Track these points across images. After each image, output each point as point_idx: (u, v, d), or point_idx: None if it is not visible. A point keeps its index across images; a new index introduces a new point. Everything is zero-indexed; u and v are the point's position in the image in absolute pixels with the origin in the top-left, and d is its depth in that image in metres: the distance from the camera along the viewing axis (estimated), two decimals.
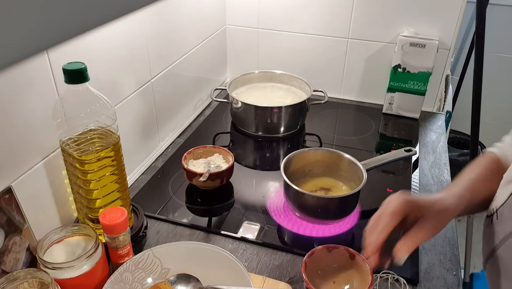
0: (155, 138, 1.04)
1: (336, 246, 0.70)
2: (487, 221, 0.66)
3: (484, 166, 0.71)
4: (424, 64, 1.15)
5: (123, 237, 0.67)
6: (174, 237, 0.82)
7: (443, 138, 1.15)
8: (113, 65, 0.83)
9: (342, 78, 1.33)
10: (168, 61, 1.03)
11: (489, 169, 0.70)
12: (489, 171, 0.70)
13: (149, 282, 0.68)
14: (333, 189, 0.90)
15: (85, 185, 0.67)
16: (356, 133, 1.18)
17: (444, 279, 0.73)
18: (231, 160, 0.92)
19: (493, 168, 0.70)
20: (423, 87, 1.18)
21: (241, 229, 0.83)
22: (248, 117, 1.12)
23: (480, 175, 0.69)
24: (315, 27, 1.27)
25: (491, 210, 0.66)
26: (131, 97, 0.90)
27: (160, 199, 0.91)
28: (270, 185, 0.96)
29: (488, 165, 0.71)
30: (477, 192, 0.67)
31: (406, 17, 1.18)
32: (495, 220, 0.64)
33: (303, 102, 1.12)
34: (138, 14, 0.88)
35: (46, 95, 0.67)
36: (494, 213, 0.64)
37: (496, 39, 2.03)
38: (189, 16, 1.09)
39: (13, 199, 0.63)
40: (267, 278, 0.71)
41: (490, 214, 0.65)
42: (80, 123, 0.65)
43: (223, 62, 1.39)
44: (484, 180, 0.68)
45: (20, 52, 0.21)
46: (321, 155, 0.92)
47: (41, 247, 0.63)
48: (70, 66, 0.61)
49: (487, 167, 0.71)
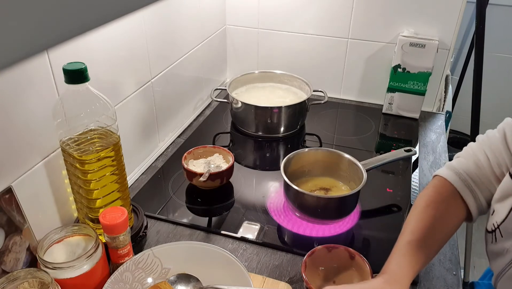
0: (155, 138, 1.04)
1: (336, 246, 0.70)
2: (490, 237, 0.64)
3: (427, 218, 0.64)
4: (424, 64, 1.15)
5: (123, 237, 0.67)
6: (174, 237, 0.82)
7: (443, 138, 1.15)
8: (113, 65, 0.83)
9: (342, 78, 1.33)
10: (168, 61, 1.03)
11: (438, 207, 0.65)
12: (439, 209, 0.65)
13: (149, 282, 0.68)
14: (333, 189, 0.90)
15: (85, 185, 0.67)
16: (356, 133, 1.18)
17: (444, 279, 0.73)
18: (231, 160, 0.92)
19: (440, 200, 0.66)
20: (423, 87, 1.18)
21: (241, 229, 0.83)
22: (248, 117, 1.12)
23: (430, 222, 0.64)
24: (315, 27, 1.27)
25: (491, 225, 0.64)
26: (131, 97, 0.90)
27: (160, 199, 0.91)
28: (270, 185, 0.96)
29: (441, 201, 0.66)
30: (431, 246, 0.63)
31: (406, 17, 1.18)
32: (499, 238, 0.62)
33: (303, 102, 1.12)
34: (138, 14, 0.88)
35: (46, 95, 0.67)
36: (496, 229, 0.62)
37: (496, 39, 2.03)
38: (189, 16, 1.09)
39: (13, 199, 0.63)
40: (267, 278, 0.71)
41: (492, 229, 0.64)
42: (80, 123, 0.65)
43: (223, 62, 1.39)
44: (436, 224, 0.64)
45: (20, 52, 0.21)
46: (321, 155, 0.92)
47: (41, 247, 0.63)
48: (70, 66, 0.61)
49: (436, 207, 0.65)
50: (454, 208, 0.66)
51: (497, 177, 0.65)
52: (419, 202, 0.67)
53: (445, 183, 0.68)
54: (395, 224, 0.85)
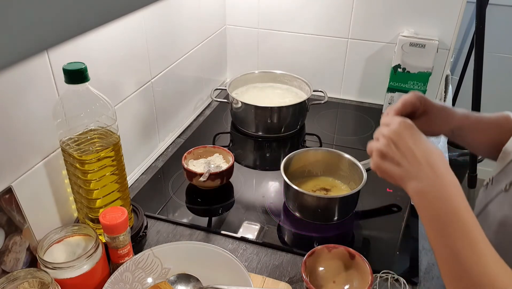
0: (155, 138, 1.04)
1: (336, 246, 0.70)
2: (483, 188, 0.69)
3: (496, 116, 0.74)
4: (424, 64, 1.15)
5: (123, 237, 0.67)
6: (174, 237, 0.82)
7: (443, 138, 1.15)
8: (113, 65, 0.83)
9: (342, 78, 1.33)
10: (168, 61, 1.03)
11: (499, 118, 0.73)
12: (499, 119, 0.73)
13: (149, 282, 0.68)
14: (333, 189, 0.90)
15: (85, 185, 0.67)
16: (356, 133, 1.18)
17: None
18: (231, 160, 0.92)
19: (503, 120, 0.73)
20: (423, 87, 1.18)
21: (241, 229, 0.83)
22: (248, 117, 1.12)
23: (490, 118, 0.73)
24: (315, 27, 1.27)
25: (488, 179, 0.69)
26: (131, 97, 0.90)
27: (160, 199, 0.91)
28: (270, 185, 0.96)
29: (501, 117, 0.73)
30: (481, 123, 0.71)
31: (406, 17, 1.18)
32: (489, 185, 0.67)
33: (303, 102, 1.12)
34: (138, 14, 0.88)
35: (46, 95, 0.67)
36: (490, 180, 0.67)
37: (496, 39, 2.03)
38: (189, 16, 1.09)
39: (13, 199, 0.63)
40: (267, 278, 0.71)
41: (487, 182, 0.69)
42: (80, 123, 0.65)
43: (223, 62, 1.39)
44: (491, 121, 0.72)
45: (20, 52, 0.21)
46: (321, 155, 0.92)
47: (41, 247, 0.63)
48: (70, 66, 0.61)
49: (499, 117, 0.73)
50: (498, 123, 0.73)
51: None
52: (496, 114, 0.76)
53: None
54: (395, 224, 0.85)
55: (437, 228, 0.52)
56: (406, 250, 0.78)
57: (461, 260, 0.49)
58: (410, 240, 0.81)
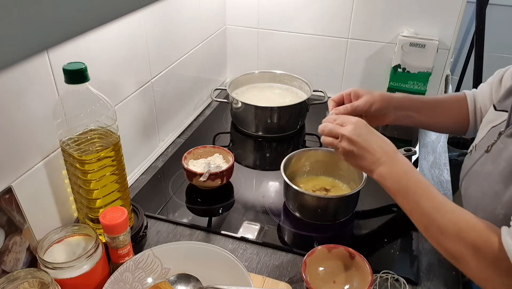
0: (155, 138, 1.04)
1: (336, 246, 0.70)
2: (468, 155, 0.77)
3: (455, 95, 0.88)
4: (424, 64, 1.15)
5: (123, 237, 0.67)
6: (174, 237, 0.82)
7: (443, 138, 1.15)
8: (113, 65, 0.83)
9: (342, 78, 1.33)
10: (168, 61, 1.03)
11: (458, 97, 0.87)
12: (458, 97, 0.87)
13: (149, 282, 0.68)
14: (333, 189, 0.90)
15: (85, 185, 0.67)
16: None
17: (444, 279, 0.73)
18: (231, 160, 0.92)
19: (453, 100, 0.87)
20: (423, 87, 1.18)
21: (241, 229, 0.83)
22: (248, 117, 1.12)
23: (450, 98, 0.88)
24: (315, 27, 1.27)
25: (471, 147, 0.77)
26: (131, 97, 0.90)
27: (160, 199, 0.91)
28: (270, 185, 0.96)
29: (452, 97, 0.88)
30: (442, 103, 0.86)
31: (406, 17, 1.18)
32: (473, 152, 0.75)
33: (303, 102, 1.12)
34: (138, 14, 0.88)
35: (46, 95, 0.67)
36: (474, 147, 0.76)
37: (496, 39, 2.03)
38: (189, 16, 1.09)
39: (13, 199, 0.63)
40: (267, 278, 0.71)
41: (470, 150, 0.77)
42: (80, 123, 0.65)
43: (223, 62, 1.39)
44: (452, 101, 0.87)
45: (20, 52, 0.21)
46: (321, 155, 0.92)
47: (41, 247, 0.63)
48: (70, 66, 0.61)
49: (458, 96, 0.88)
50: (458, 104, 0.87)
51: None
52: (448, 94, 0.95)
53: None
54: (395, 224, 0.85)
55: (403, 195, 0.65)
56: (406, 250, 0.78)
57: (426, 213, 0.62)
58: (410, 240, 0.81)
